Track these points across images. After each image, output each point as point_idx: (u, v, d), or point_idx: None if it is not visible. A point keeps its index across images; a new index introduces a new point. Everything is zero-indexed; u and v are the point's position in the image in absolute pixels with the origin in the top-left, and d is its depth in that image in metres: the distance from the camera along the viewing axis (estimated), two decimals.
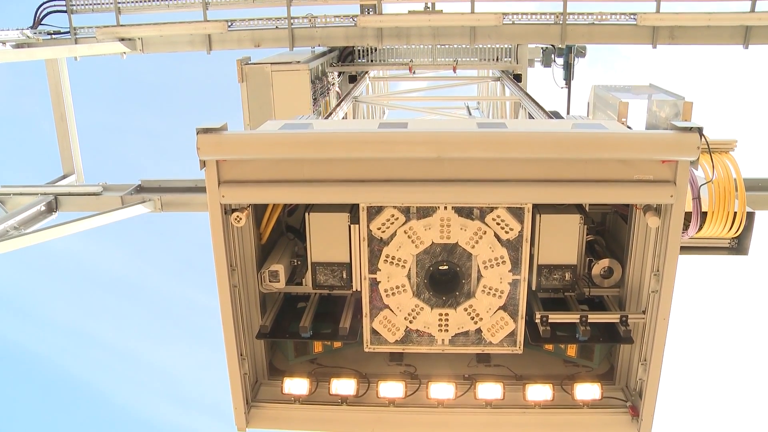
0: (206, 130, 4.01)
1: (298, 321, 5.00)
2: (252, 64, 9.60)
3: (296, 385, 4.95)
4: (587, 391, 4.80)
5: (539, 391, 4.82)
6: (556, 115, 8.16)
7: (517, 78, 11.23)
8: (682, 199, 4.04)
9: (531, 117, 7.78)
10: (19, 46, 10.26)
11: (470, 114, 12.21)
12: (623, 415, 4.80)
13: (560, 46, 10.72)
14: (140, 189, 9.08)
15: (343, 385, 4.94)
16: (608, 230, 5.40)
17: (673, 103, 5.73)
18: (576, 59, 11.31)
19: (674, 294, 4.31)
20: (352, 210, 4.66)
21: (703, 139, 3.83)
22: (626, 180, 4.06)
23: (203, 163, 4.11)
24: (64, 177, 10.08)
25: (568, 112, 11.30)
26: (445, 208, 4.51)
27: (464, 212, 4.55)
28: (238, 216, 4.33)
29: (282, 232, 5.23)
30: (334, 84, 11.20)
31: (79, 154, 10.25)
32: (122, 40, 10.50)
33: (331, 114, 7.17)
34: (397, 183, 4.17)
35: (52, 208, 8.95)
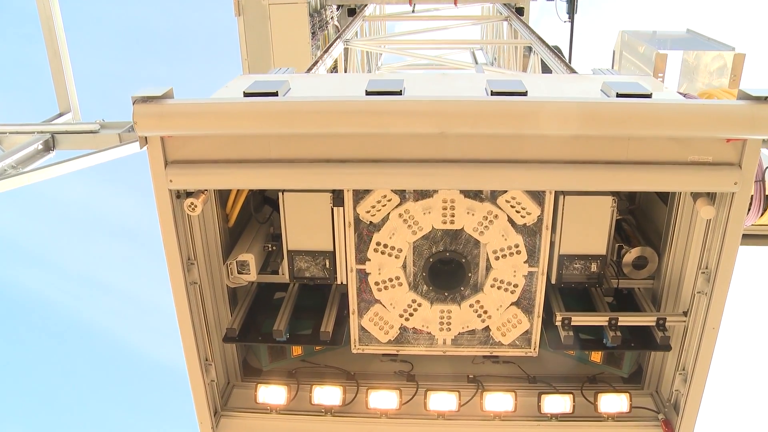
0: (145, 99, 3.15)
1: (274, 318, 4.25)
2: None
3: (272, 394, 4.23)
4: (613, 402, 4.09)
5: (557, 403, 4.11)
6: (557, 50, 7.24)
7: (520, 11, 10.50)
8: (748, 186, 3.22)
9: (545, 66, 6.84)
10: None
11: (475, 60, 11.19)
12: (654, 429, 4.11)
13: None
14: None
15: (327, 394, 4.22)
16: (640, 208, 4.58)
17: (717, 55, 4.82)
18: None
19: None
20: (336, 189, 3.83)
21: None
22: (678, 162, 3.23)
23: (144, 140, 3.27)
24: (60, 115, 9.62)
25: (570, 48, 10.51)
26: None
27: (471, 193, 3.73)
28: (192, 203, 3.51)
29: (251, 214, 4.40)
30: (333, 18, 10.59)
31: (74, 91, 9.69)
32: None
33: (316, 63, 6.24)
34: (389, 164, 3.34)
35: (49, 146, 8.69)
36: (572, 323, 3.96)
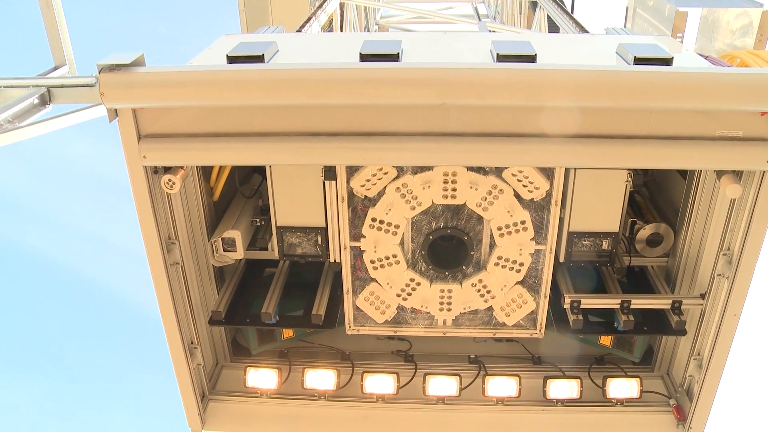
0: (112, 67, 2.82)
1: (263, 297, 4.00)
2: None
3: (262, 378, 4.01)
4: (622, 388, 3.87)
5: (563, 388, 3.89)
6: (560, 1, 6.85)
7: None
8: None
9: (553, 24, 6.45)
10: None
11: (478, 15, 10.71)
12: (665, 414, 3.90)
13: None
14: None
15: (320, 378, 4.00)
16: (654, 180, 4.28)
17: (742, 12, 4.45)
18: None
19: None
20: None
21: None
22: (704, 137, 2.91)
23: (114, 113, 2.95)
24: (55, 68, 9.23)
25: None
26: None
27: (474, 166, 3.44)
28: (170, 180, 3.21)
29: (236, 188, 4.09)
30: None
31: (69, 43, 9.32)
32: None
33: (309, 20, 5.85)
34: (384, 138, 3.03)
35: (45, 100, 8.42)
36: (582, 306, 3.71)
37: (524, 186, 3.49)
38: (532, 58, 3.22)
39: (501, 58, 3.25)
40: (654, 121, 2.88)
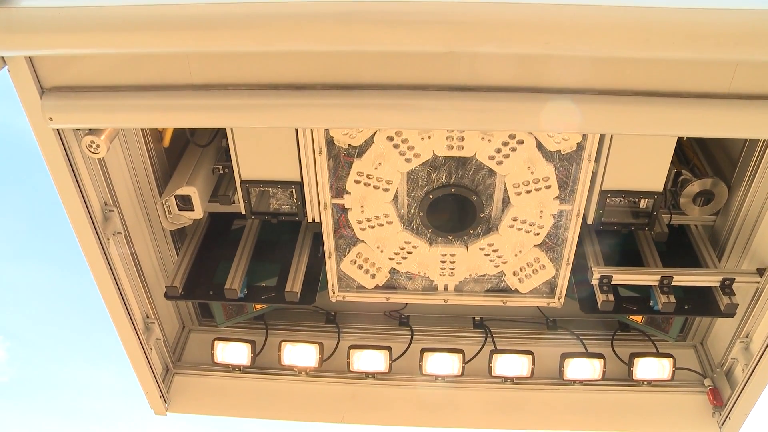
0: None
1: (230, 261, 3.36)
2: None
3: (233, 352, 3.45)
4: (651, 368, 3.33)
5: (584, 368, 3.35)
6: None
7: None
8: None
9: None
10: None
11: None
12: (697, 395, 3.38)
13: None
14: None
15: (300, 354, 3.44)
16: None
17: None
18: None
19: None
20: None
21: None
22: None
23: (2, 62, 2.15)
24: None
25: None
26: None
27: (493, 129, 2.68)
28: (93, 142, 2.45)
29: (188, 138, 3.30)
30: None
31: None
32: None
33: None
34: (372, 92, 2.24)
35: None
36: (613, 282, 3.07)
37: (550, 136, 2.75)
38: None
39: None
40: (740, 76, 2.09)
